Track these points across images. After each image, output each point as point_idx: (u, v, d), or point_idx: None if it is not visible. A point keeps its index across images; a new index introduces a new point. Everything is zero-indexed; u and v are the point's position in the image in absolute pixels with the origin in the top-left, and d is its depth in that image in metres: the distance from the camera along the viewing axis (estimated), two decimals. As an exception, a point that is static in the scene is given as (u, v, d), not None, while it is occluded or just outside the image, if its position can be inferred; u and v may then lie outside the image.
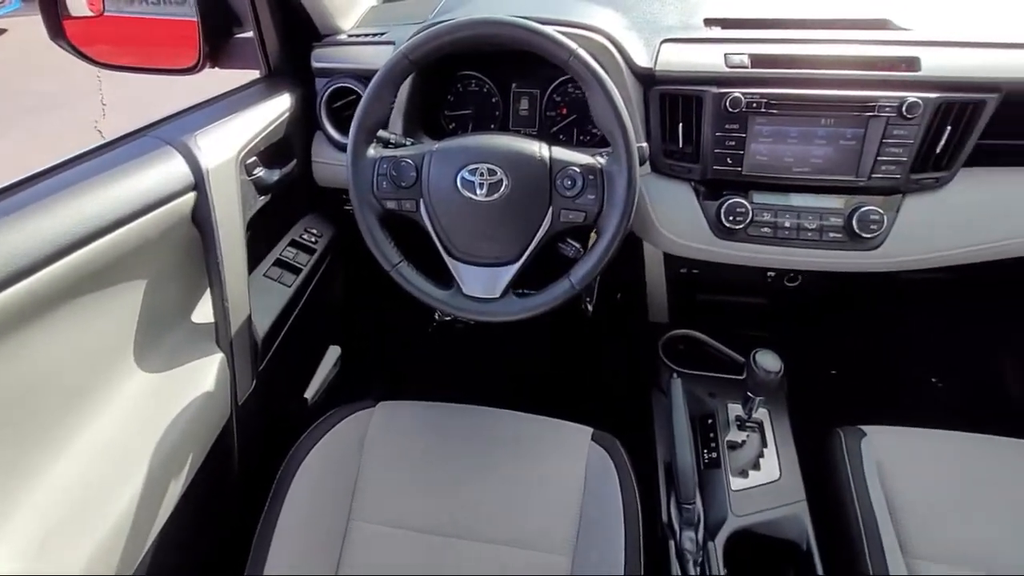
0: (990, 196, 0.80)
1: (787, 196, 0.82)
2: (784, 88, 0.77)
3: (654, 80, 0.80)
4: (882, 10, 0.90)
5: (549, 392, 1.33)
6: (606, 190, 0.70)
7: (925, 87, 0.74)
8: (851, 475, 0.78)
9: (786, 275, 0.97)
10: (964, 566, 0.72)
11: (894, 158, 0.76)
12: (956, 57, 0.76)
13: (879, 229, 0.78)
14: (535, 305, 0.75)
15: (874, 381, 1.39)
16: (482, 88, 0.96)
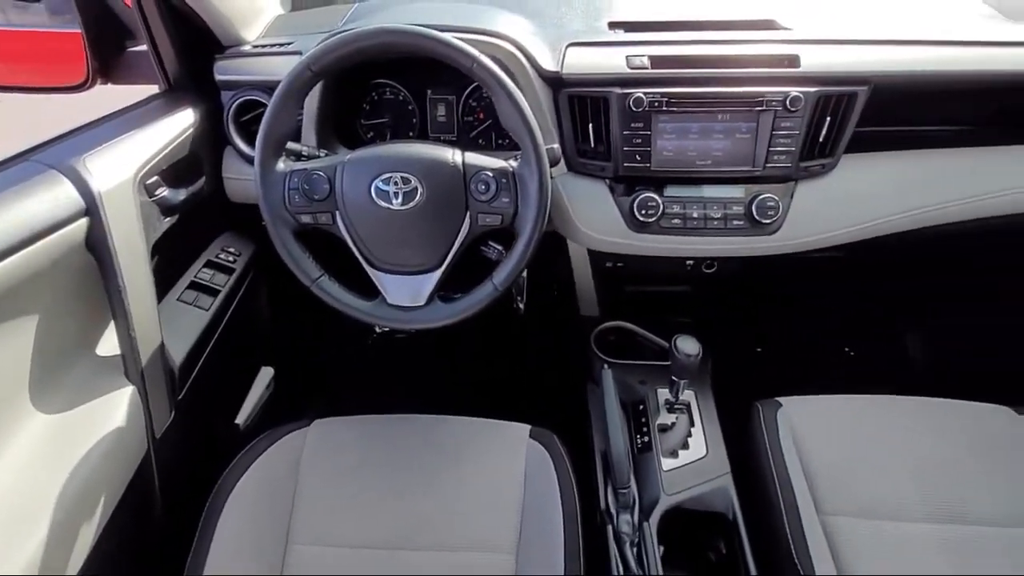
0: (870, 179, 0.88)
1: (694, 188, 0.87)
2: (682, 87, 0.81)
3: (562, 83, 0.83)
4: (768, 11, 0.97)
5: (489, 393, 1.34)
6: (519, 192, 0.71)
7: (805, 82, 0.81)
8: (768, 445, 0.84)
9: (703, 262, 1.03)
10: (873, 518, 0.79)
11: (784, 148, 0.83)
12: (831, 54, 0.83)
13: (776, 215, 0.84)
14: (460, 309, 0.76)
15: (795, 355, 1.50)
16: (397, 96, 0.96)
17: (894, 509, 0.80)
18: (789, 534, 0.74)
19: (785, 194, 0.86)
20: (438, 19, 0.83)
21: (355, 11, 1.00)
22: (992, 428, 0.87)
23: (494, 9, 0.93)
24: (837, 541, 0.77)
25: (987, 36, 0.88)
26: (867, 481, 0.82)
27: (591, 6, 1.00)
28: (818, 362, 1.51)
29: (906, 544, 0.76)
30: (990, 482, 0.81)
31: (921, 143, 0.92)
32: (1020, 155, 0.92)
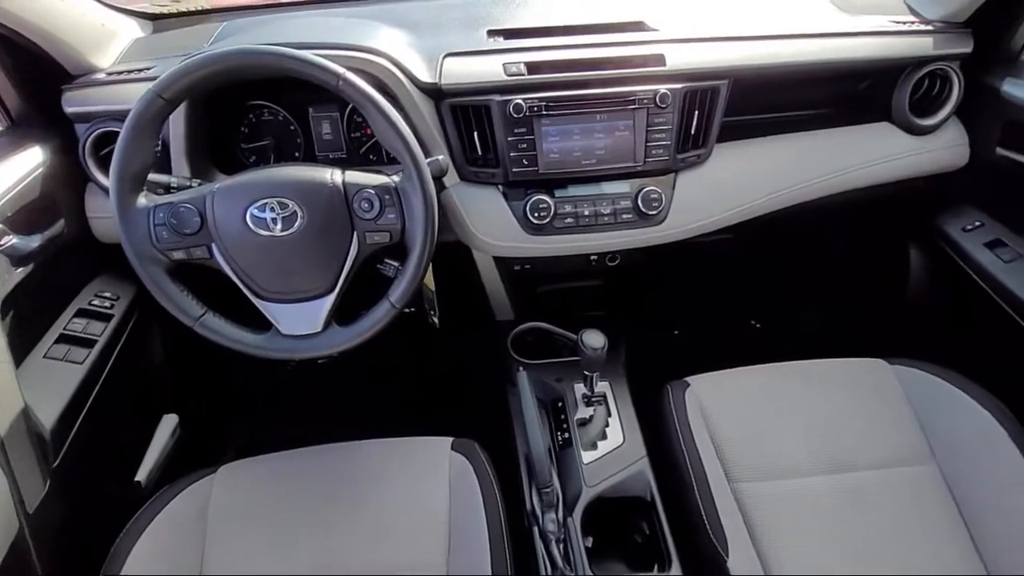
0: (742, 165, 0.95)
1: (583, 187, 0.90)
2: (559, 91, 0.84)
3: (442, 94, 0.83)
4: (638, 13, 1.01)
5: (414, 409, 1.32)
6: (405, 207, 0.70)
7: (672, 79, 0.86)
8: (678, 424, 0.88)
9: (606, 256, 1.06)
10: (775, 478, 0.85)
11: (660, 142, 0.87)
12: (693, 52, 0.89)
13: (660, 206, 0.89)
14: (360, 332, 0.74)
15: (708, 334, 1.59)
16: (277, 116, 0.92)
17: (793, 467, 0.86)
18: (701, 506, 0.78)
19: (667, 185, 0.91)
20: (307, 36, 0.80)
21: (223, 30, 0.95)
22: (869, 380, 0.96)
23: (369, 24, 0.92)
24: (747, 505, 0.82)
25: (828, 28, 0.97)
26: (769, 445, 0.88)
27: (470, 15, 1.01)
28: (729, 338, 1.61)
29: (805, 498, 0.83)
30: (869, 429, 0.89)
31: (784, 128, 1.00)
32: (871, 132, 1.02)
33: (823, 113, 1.03)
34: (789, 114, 1.02)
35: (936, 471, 0.86)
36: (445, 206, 0.91)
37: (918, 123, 0.99)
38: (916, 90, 1.00)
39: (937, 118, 0.99)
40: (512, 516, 0.81)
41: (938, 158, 1.02)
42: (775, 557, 0.77)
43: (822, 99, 1.03)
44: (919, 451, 0.87)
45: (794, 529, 0.80)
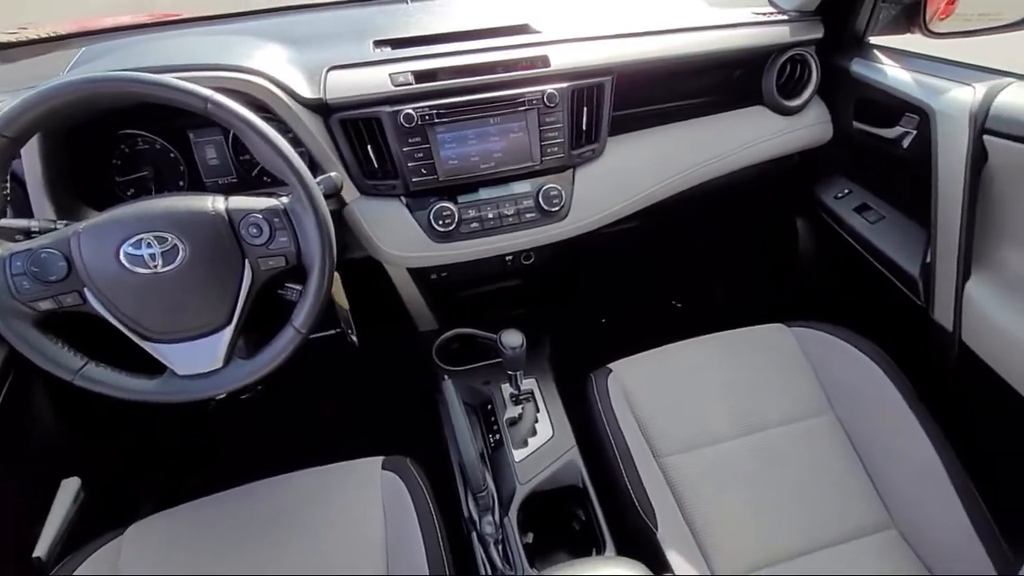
0: (634, 156, 1.00)
1: (485, 191, 0.91)
2: (449, 97, 0.84)
3: (329, 109, 0.81)
4: (523, 16, 1.04)
5: (345, 433, 1.29)
6: (297, 229, 0.68)
7: (558, 79, 0.89)
8: (602, 410, 0.91)
9: (520, 255, 1.08)
10: (697, 448, 0.90)
11: (554, 140, 0.90)
12: (576, 51, 0.92)
13: (561, 202, 0.91)
14: (266, 362, 0.71)
15: (633, 318, 1.65)
16: (153, 145, 0.86)
17: (712, 435, 0.91)
18: (629, 485, 0.82)
19: (567, 181, 0.94)
20: (174, 58, 0.76)
21: (81, 56, 0.88)
22: (771, 344, 1.04)
23: (246, 41, 0.88)
24: (673, 477, 0.87)
25: (699, 23, 1.04)
26: (689, 417, 0.93)
27: (356, 27, 1.00)
28: (653, 320, 1.68)
29: (724, 462, 0.88)
30: (775, 389, 0.96)
31: (670, 118, 1.06)
32: (748, 115, 1.10)
33: (704, 101, 1.10)
34: (674, 104, 1.08)
35: (834, 419, 0.94)
36: (348, 222, 0.89)
37: (786, 104, 1.08)
38: (781, 75, 1.09)
39: (802, 99, 1.09)
40: (452, 525, 0.81)
41: (806, 135, 1.11)
42: (702, 521, 0.82)
43: (702, 88, 1.10)
44: (818, 403, 0.95)
45: (717, 492, 0.85)
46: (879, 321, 1.09)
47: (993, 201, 0.86)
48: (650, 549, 0.77)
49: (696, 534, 0.81)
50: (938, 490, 0.80)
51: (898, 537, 0.82)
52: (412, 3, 1.12)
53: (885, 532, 0.82)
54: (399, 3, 1.12)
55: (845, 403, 0.95)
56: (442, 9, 1.09)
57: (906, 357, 0.95)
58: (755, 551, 0.79)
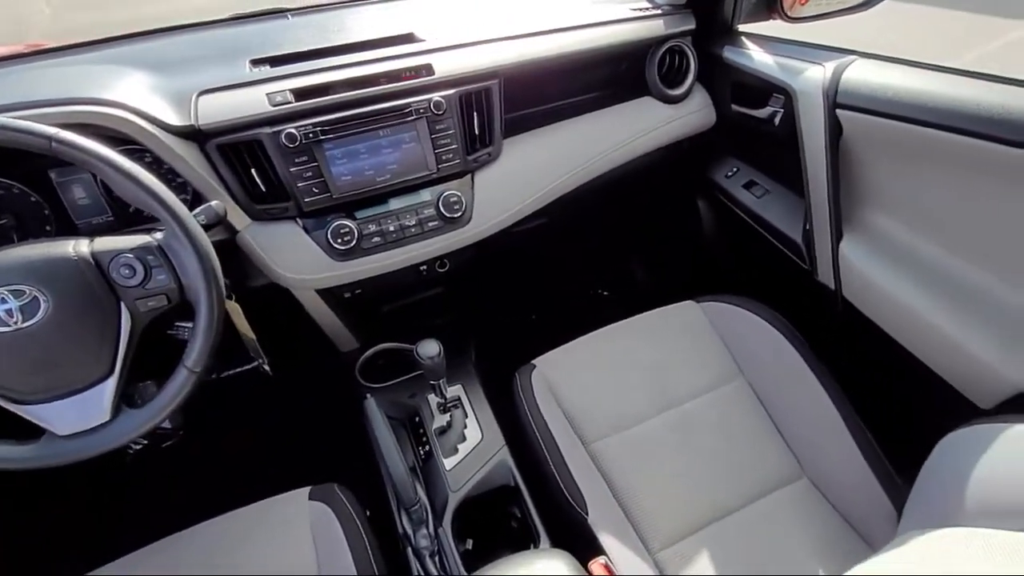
0: (531, 155, 1.02)
1: (384, 204, 0.90)
2: (332, 113, 0.83)
3: (203, 135, 0.78)
4: (407, 26, 1.03)
5: (274, 467, 1.24)
6: (176, 265, 0.65)
7: (443, 86, 0.89)
8: (527, 406, 0.92)
9: (435, 263, 1.08)
10: (622, 430, 0.93)
11: (448, 147, 0.90)
12: (460, 57, 0.93)
13: (462, 207, 0.92)
14: (159, 408, 0.67)
15: (563, 312, 1.69)
16: (10, 190, 0.79)
17: (636, 415, 0.95)
18: (557, 475, 0.83)
19: (467, 187, 0.95)
20: (17, 95, 0.70)
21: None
22: (683, 320, 1.09)
23: (105, 71, 0.83)
24: (603, 461, 0.89)
25: (579, 21, 1.07)
26: (613, 401, 0.97)
27: (231, 46, 0.95)
28: (583, 310, 1.73)
29: (648, 440, 0.92)
30: (690, 363, 1.02)
31: (564, 115, 1.09)
32: (637, 106, 1.15)
33: (594, 96, 1.14)
34: (565, 102, 1.11)
35: (745, 384, 1.00)
36: (243, 250, 0.86)
37: (670, 93, 1.14)
38: (662, 66, 1.15)
39: (684, 87, 1.15)
40: (391, 544, 0.79)
41: (693, 120, 1.18)
42: (632, 499, 0.85)
43: (591, 84, 1.14)
44: (730, 371, 1.01)
45: (644, 469, 0.88)
46: (776, 288, 1.17)
47: (852, 168, 0.94)
48: (584, 535, 0.79)
49: (628, 513, 0.84)
50: (837, 437, 0.87)
51: (808, 484, 0.88)
52: (293, 17, 1.08)
53: (798, 482, 0.89)
54: (279, 19, 1.09)
55: (753, 368, 1.01)
56: (325, 22, 1.07)
57: (801, 318, 1.02)
58: (684, 518, 0.83)
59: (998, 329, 0.79)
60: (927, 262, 0.88)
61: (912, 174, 0.86)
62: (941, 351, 0.85)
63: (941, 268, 0.86)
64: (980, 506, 0.53)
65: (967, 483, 0.56)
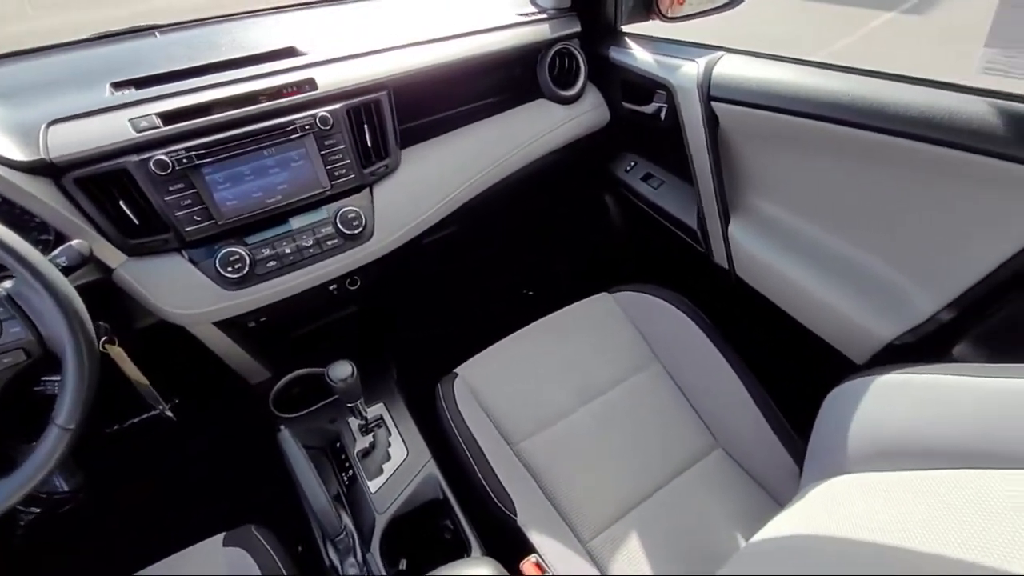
0: (432, 164, 1.02)
1: (278, 226, 0.86)
2: (208, 135, 0.78)
3: (57, 169, 0.71)
4: (289, 39, 0.99)
5: (192, 519, 1.16)
6: (31, 314, 0.59)
7: (328, 100, 0.87)
8: (449, 415, 0.92)
9: (345, 281, 1.05)
10: (548, 426, 0.95)
11: (340, 163, 0.88)
12: (344, 70, 0.91)
13: (362, 223, 0.90)
14: (31, 473, 0.60)
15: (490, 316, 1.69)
16: None
17: (558, 411, 0.97)
18: (483, 480, 0.83)
19: (366, 201, 0.93)
20: None
21: None
22: (598, 312, 1.13)
23: None
24: (529, 461, 0.90)
25: (464, 29, 1.07)
26: (536, 400, 0.98)
27: (89, 69, 0.88)
28: (507, 314, 1.74)
29: (572, 433, 0.94)
30: (607, 353, 1.05)
31: (463, 121, 1.09)
32: (534, 109, 1.18)
33: (491, 102, 1.15)
34: (463, 108, 1.12)
35: (661, 368, 1.05)
36: (123, 288, 0.79)
37: (563, 94, 1.18)
38: (554, 68, 1.18)
39: (576, 88, 1.19)
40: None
41: (588, 119, 1.22)
42: (561, 494, 0.86)
43: (486, 90, 1.15)
44: (645, 356, 1.06)
45: (570, 463, 0.90)
46: (680, 272, 1.24)
47: (731, 156, 1.01)
48: (515, 537, 0.79)
49: (558, 508, 0.86)
50: (743, 406, 0.93)
51: (722, 454, 0.94)
52: (162, 34, 1.01)
53: (713, 453, 0.94)
54: (146, 37, 1.01)
55: (665, 351, 1.06)
56: (197, 39, 1.00)
57: (703, 298, 1.09)
58: (612, 504, 0.85)
59: (865, 293, 0.87)
60: (804, 238, 0.96)
61: (782, 159, 0.94)
62: (821, 316, 0.93)
63: (816, 243, 0.94)
64: (859, 453, 0.59)
65: (848, 434, 0.61)
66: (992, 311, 0.74)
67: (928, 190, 0.77)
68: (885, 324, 0.85)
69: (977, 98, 0.70)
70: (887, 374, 0.62)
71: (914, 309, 0.81)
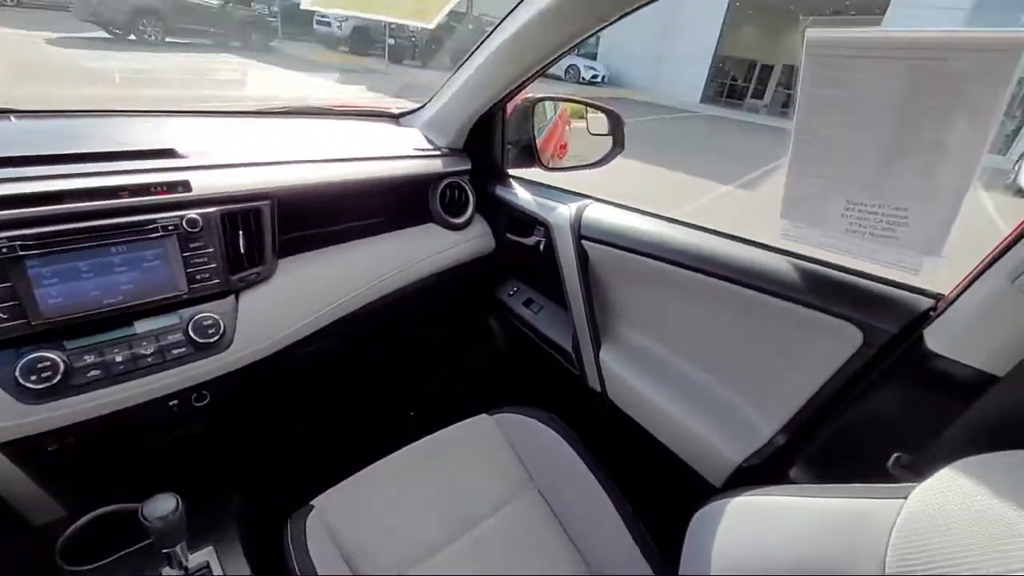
0: (309, 276, 0.99)
1: (115, 330, 0.76)
2: (41, 227, 0.70)
3: None
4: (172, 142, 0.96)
5: None
6: None
7: (202, 204, 0.83)
8: (297, 561, 0.78)
9: (190, 396, 0.92)
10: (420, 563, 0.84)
11: (205, 266, 0.82)
12: (226, 176, 0.89)
13: (219, 330, 0.82)
14: None
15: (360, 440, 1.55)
16: None
17: (426, 548, 0.87)
18: None
19: (228, 308, 0.86)
20: None
21: None
22: (477, 435, 1.09)
23: None
24: None
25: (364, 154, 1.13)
26: (402, 536, 0.88)
27: None
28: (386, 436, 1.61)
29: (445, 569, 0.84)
30: (484, 478, 0.99)
31: (349, 236, 1.10)
32: (423, 232, 1.23)
33: (382, 221, 1.18)
34: (352, 224, 1.13)
35: (536, 493, 1.01)
36: None
37: (452, 222, 1.25)
38: (445, 197, 1.26)
39: (464, 217, 1.28)
40: None
41: (474, 246, 1.30)
42: None
43: (377, 209, 1.19)
44: (522, 481, 1.02)
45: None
46: (557, 394, 1.26)
47: (601, 288, 1.12)
48: None
49: None
50: (614, 530, 0.91)
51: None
52: (18, 119, 0.94)
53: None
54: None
55: (542, 475, 1.04)
56: (65, 129, 0.94)
57: (578, 420, 1.10)
58: None
59: (718, 418, 0.95)
60: (666, 366, 1.05)
61: (643, 294, 1.06)
62: (684, 440, 0.98)
63: (677, 371, 1.03)
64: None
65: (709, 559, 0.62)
66: (816, 433, 0.83)
67: (759, 328, 0.89)
68: (735, 448, 0.91)
69: (781, 256, 0.86)
70: (737, 497, 0.65)
71: (757, 433, 0.89)
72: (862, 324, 0.75)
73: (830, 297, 0.78)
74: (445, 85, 1.21)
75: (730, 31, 16.46)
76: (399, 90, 9.36)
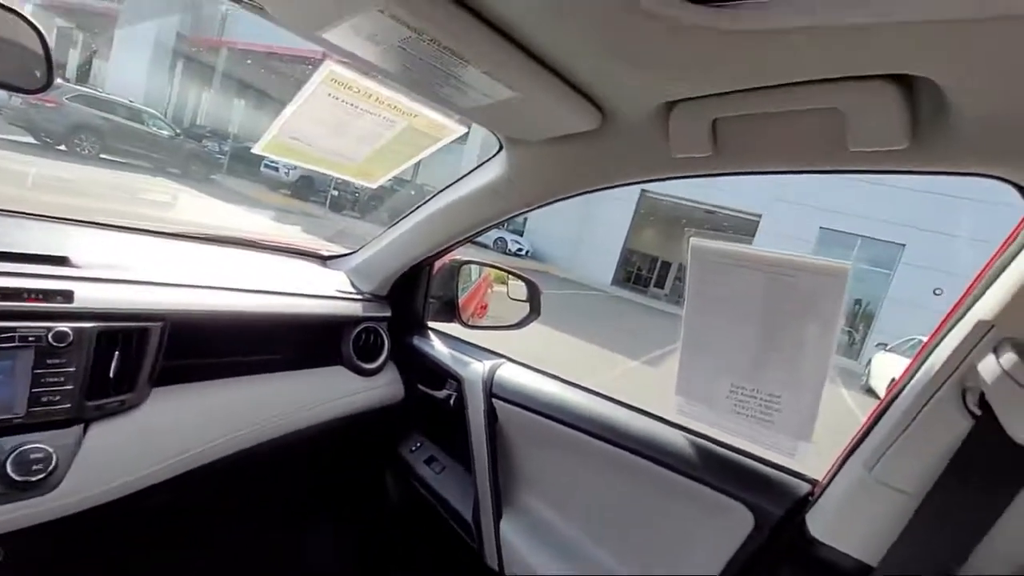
0: (185, 410, 0.88)
1: None
2: None
3: None
4: (68, 250, 0.89)
5: None
6: None
7: (80, 317, 0.75)
8: None
9: None
10: None
11: (56, 387, 0.71)
12: (114, 291, 0.81)
13: (48, 467, 0.68)
14: None
15: None
16: None
17: None
18: None
19: (70, 440, 0.72)
20: None
21: None
22: None
23: None
24: None
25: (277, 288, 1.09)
26: None
27: None
28: None
29: None
30: None
31: (241, 371, 1.01)
32: (328, 374, 1.16)
33: (283, 358, 1.11)
34: (249, 358, 1.05)
35: None
36: None
37: (363, 366, 1.21)
38: (359, 341, 1.23)
39: (376, 363, 1.24)
40: None
41: (382, 394, 1.24)
42: None
43: (282, 345, 1.13)
44: None
45: None
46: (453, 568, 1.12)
47: (506, 450, 1.08)
48: None
49: None
50: None
51: None
52: None
53: None
54: None
55: None
56: None
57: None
58: None
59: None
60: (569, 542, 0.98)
61: (549, 460, 1.03)
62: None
63: (579, 548, 0.96)
64: None
65: None
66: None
67: (662, 503, 0.88)
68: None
69: (682, 433, 0.90)
70: None
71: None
72: (753, 506, 0.77)
73: (725, 476, 0.81)
74: (379, 236, 1.27)
75: (635, 230, 19.23)
76: (333, 236, 9.64)
